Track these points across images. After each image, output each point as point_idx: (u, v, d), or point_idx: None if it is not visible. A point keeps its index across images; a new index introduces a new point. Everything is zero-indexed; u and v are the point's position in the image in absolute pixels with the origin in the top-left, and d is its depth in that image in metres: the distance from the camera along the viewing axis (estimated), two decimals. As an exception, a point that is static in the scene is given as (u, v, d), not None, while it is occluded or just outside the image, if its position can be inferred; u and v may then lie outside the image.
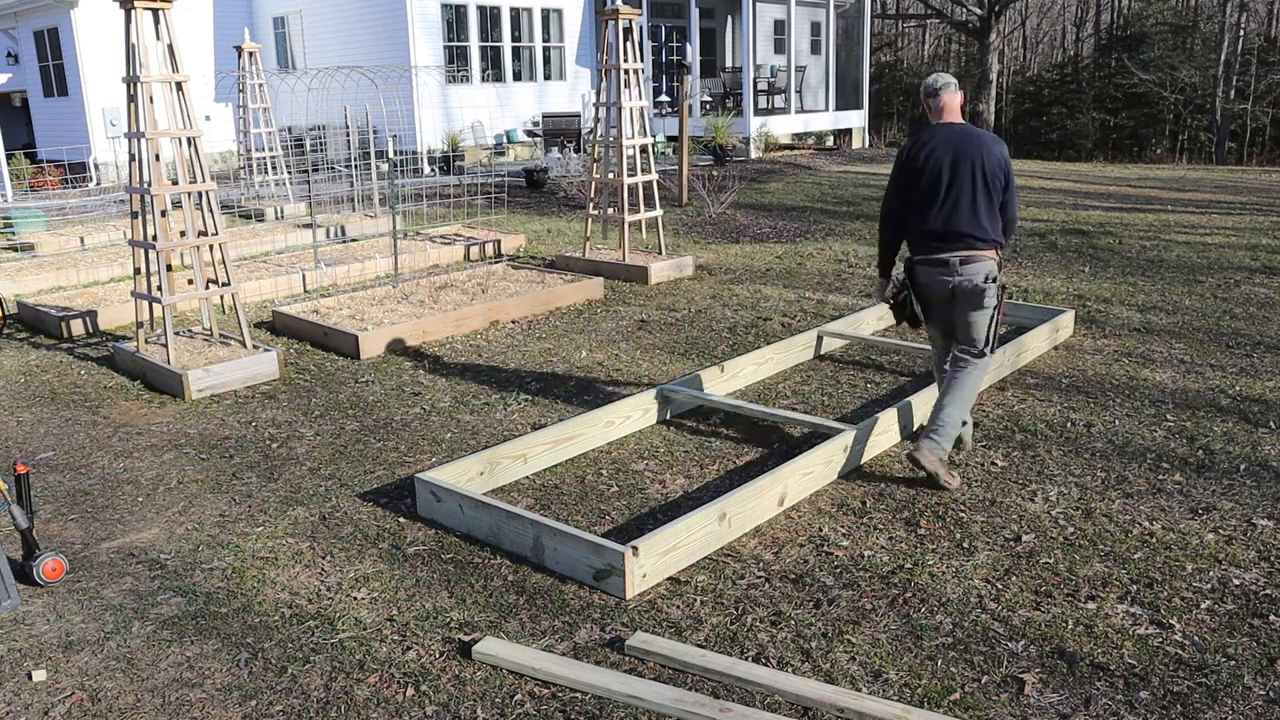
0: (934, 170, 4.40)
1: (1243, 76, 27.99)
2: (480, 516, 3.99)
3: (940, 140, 4.42)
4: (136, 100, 6.02)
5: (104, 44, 18.19)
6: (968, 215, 4.39)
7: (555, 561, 3.73)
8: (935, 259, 4.45)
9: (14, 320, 7.99)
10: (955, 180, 4.38)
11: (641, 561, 3.55)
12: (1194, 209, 12.40)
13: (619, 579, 3.52)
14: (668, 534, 3.67)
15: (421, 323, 7.07)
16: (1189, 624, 3.31)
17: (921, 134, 4.52)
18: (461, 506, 4.06)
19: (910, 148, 4.51)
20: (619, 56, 8.77)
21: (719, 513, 3.88)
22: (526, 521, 3.81)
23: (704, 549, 3.84)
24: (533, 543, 3.80)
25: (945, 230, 4.41)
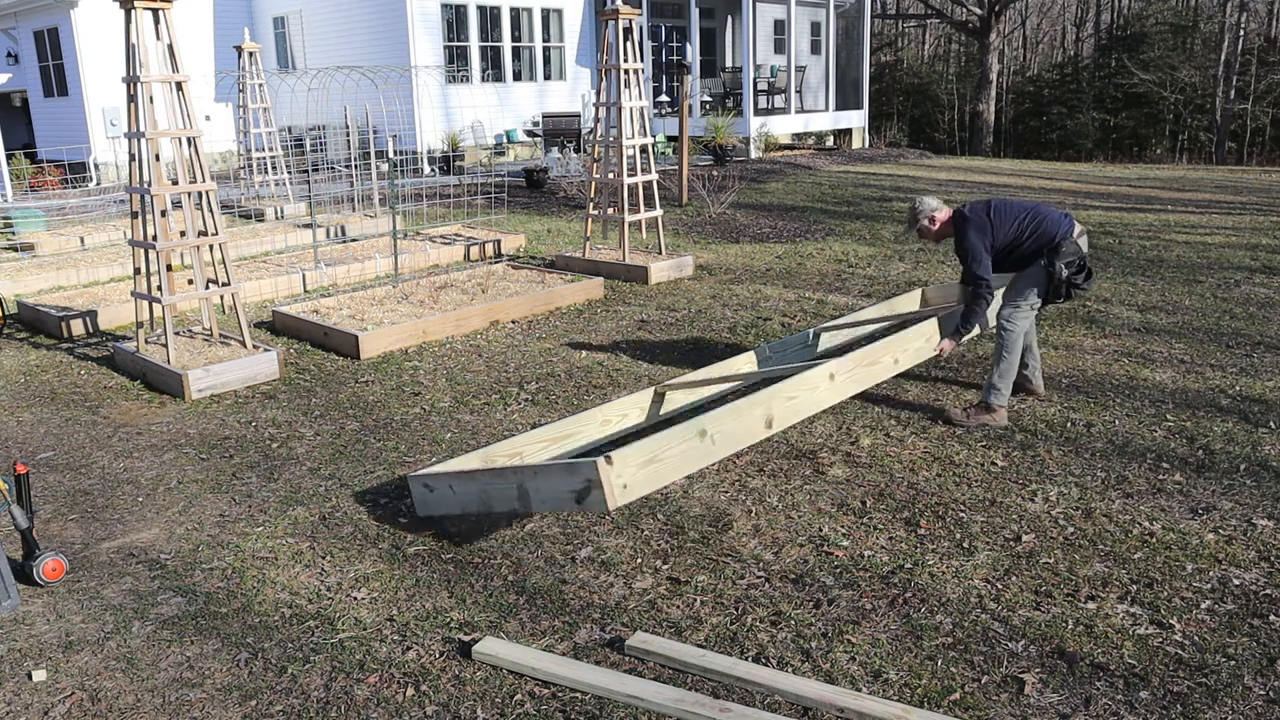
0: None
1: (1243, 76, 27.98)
2: (468, 488, 3.97)
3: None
4: (136, 100, 6.02)
5: (104, 44, 18.20)
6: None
7: (541, 501, 3.66)
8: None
9: (14, 320, 8.00)
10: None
11: (619, 471, 3.46)
12: (1194, 209, 12.40)
13: (599, 492, 3.43)
14: (646, 445, 3.60)
15: (421, 323, 7.07)
16: (1189, 624, 3.31)
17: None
18: (452, 486, 4.05)
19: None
20: (619, 56, 8.77)
21: (699, 429, 3.82)
22: (507, 473, 3.79)
23: (687, 465, 3.74)
24: (518, 492, 3.75)
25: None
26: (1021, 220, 5.14)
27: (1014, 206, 5.21)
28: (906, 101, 34.86)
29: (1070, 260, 5.06)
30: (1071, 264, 5.06)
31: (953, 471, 4.60)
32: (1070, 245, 5.07)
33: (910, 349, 5.25)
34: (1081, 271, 5.10)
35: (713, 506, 4.29)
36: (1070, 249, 5.07)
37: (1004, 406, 5.16)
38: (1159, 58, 28.59)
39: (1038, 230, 5.11)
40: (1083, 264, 5.09)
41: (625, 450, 3.52)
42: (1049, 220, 5.13)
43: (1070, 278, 5.08)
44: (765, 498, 4.36)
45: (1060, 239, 5.07)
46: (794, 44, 20.70)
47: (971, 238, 5.12)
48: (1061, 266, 5.05)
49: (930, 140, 31.82)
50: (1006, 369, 5.14)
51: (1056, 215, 5.19)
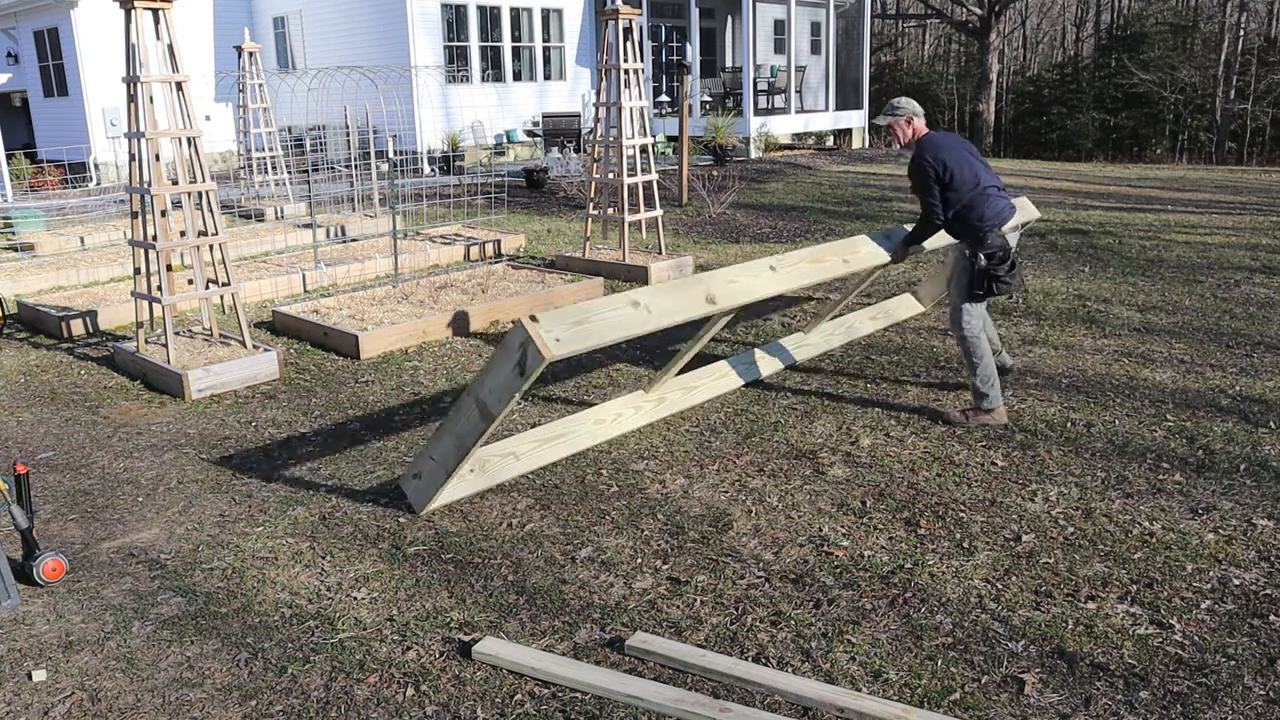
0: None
1: (1243, 76, 27.98)
2: (444, 444, 4.03)
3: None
4: (136, 100, 6.02)
5: (104, 44, 18.20)
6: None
7: (497, 399, 3.74)
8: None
9: (14, 320, 8.00)
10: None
11: (547, 328, 3.55)
12: (1194, 209, 12.40)
13: (533, 347, 3.52)
14: (578, 308, 3.73)
15: (421, 323, 7.07)
16: (1189, 624, 3.31)
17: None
18: (431, 456, 4.11)
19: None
20: (619, 56, 8.77)
21: (632, 300, 3.96)
22: (463, 400, 3.88)
23: (617, 331, 3.86)
24: (477, 406, 3.82)
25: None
26: (959, 183, 5.05)
27: (959, 161, 5.08)
28: (906, 102, 34.82)
29: (992, 252, 5.05)
30: (993, 255, 5.05)
31: (953, 471, 4.60)
32: (995, 237, 5.06)
33: (861, 253, 5.38)
34: (1005, 263, 5.06)
35: (713, 506, 4.29)
36: (995, 240, 5.06)
37: (998, 405, 5.16)
38: (1159, 58, 28.60)
39: (976, 205, 5.06)
40: (1006, 256, 5.06)
41: (555, 312, 3.68)
42: (988, 199, 5.08)
43: (991, 269, 5.04)
44: (765, 498, 4.36)
45: (987, 226, 5.05)
46: (794, 44, 20.70)
47: (925, 181, 5.08)
48: (982, 257, 5.05)
49: (930, 140, 31.76)
50: (983, 370, 5.13)
51: (996, 193, 5.14)
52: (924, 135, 5.22)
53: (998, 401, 5.16)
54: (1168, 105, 28.59)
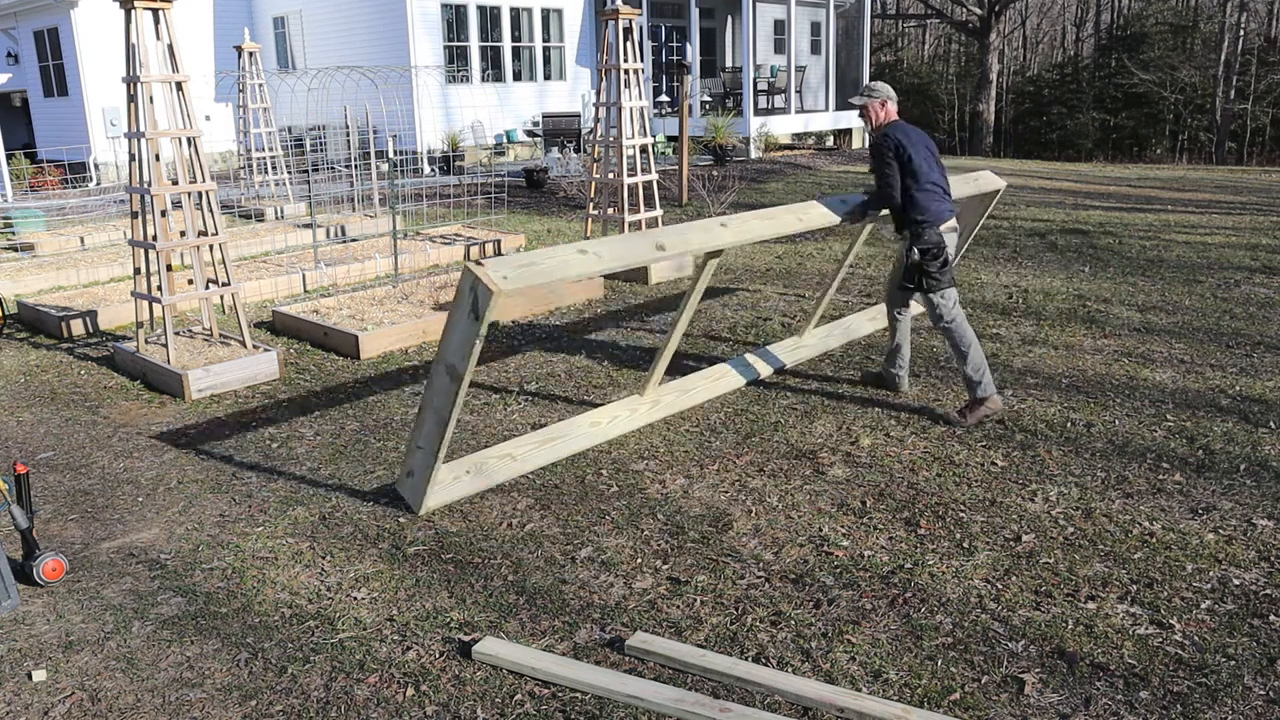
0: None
1: (1243, 76, 27.98)
2: (426, 424, 4.10)
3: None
4: (136, 100, 6.02)
5: (104, 44, 18.20)
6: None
7: (461, 355, 3.83)
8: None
9: (14, 320, 8.00)
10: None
11: (494, 269, 3.69)
12: (1194, 209, 12.40)
13: (483, 286, 3.61)
14: (524, 255, 3.89)
15: (422, 323, 7.07)
16: (1189, 624, 3.31)
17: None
18: (419, 445, 4.18)
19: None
20: (619, 56, 8.77)
21: (579, 248, 4.10)
22: (433, 367, 3.98)
23: (563, 270, 4.00)
24: (445, 369, 3.92)
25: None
26: (914, 174, 5.23)
27: (920, 155, 5.26)
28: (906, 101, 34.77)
29: (927, 248, 5.21)
30: (927, 251, 5.21)
31: (953, 471, 4.60)
32: (933, 234, 5.22)
33: (813, 214, 5.53)
34: (938, 260, 5.22)
35: (713, 506, 4.29)
36: (931, 237, 5.22)
37: (992, 393, 5.21)
38: (1159, 58, 28.60)
39: (923, 200, 5.23)
40: (939, 253, 5.22)
41: (502, 257, 3.86)
42: (935, 196, 5.26)
43: (924, 264, 5.21)
44: (765, 498, 4.36)
45: (927, 222, 5.21)
46: (794, 44, 20.70)
47: (886, 165, 5.26)
48: (916, 251, 5.23)
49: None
50: (972, 358, 5.21)
51: (943, 192, 5.33)
52: (895, 120, 5.41)
53: (990, 389, 5.21)
54: (1168, 105, 28.59)
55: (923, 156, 5.27)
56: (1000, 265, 9.21)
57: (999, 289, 8.25)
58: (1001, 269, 9.05)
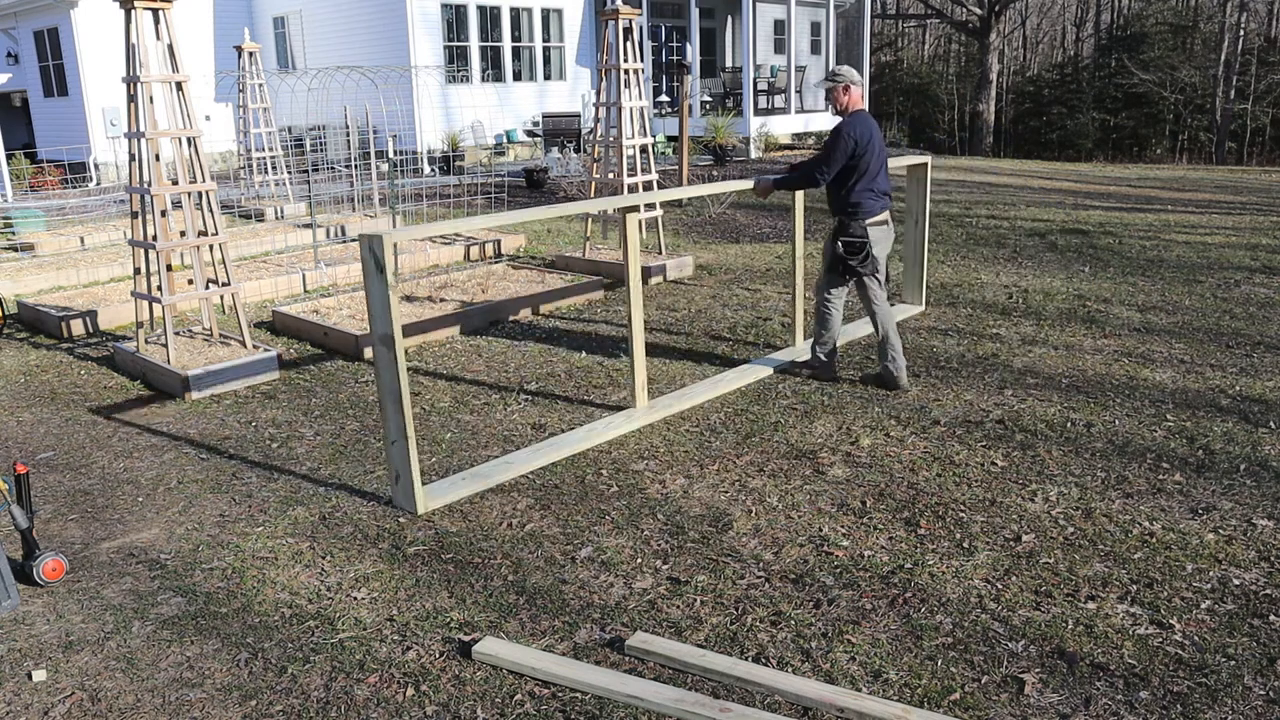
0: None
1: (1243, 76, 27.98)
2: (390, 415, 4.23)
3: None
4: (136, 100, 6.03)
5: (104, 44, 18.20)
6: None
7: (386, 335, 4.15)
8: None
9: (14, 320, 8.00)
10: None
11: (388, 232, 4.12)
12: (1194, 209, 12.40)
13: (376, 240, 3.96)
14: (416, 227, 4.18)
15: (421, 323, 7.06)
16: (1189, 624, 3.31)
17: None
18: (393, 441, 4.26)
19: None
20: (619, 56, 8.77)
21: (533, 216, 4.58)
22: (377, 359, 4.43)
23: (452, 227, 4.36)
24: (380, 342, 4.19)
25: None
26: (864, 166, 5.55)
27: (874, 150, 5.57)
28: (906, 101, 34.85)
29: (850, 242, 5.60)
30: (851, 245, 5.60)
31: (953, 471, 4.60)
32: (858, 228, 5.60)
33: (736, 187, 6.18)
34: (859, 254, 5.61)
35: (713, 506, 4.29)
36: (857, 231, 5.60)
37: (823, 361, 5.91)
38: (1159, 58, 28.60)
39: (860, 191, 5.58)
40: (862, 247, 5.60)
41: (396, 230, 4.25)
42: (872, 192, 5.61)
43: (846, 256, 5.62)
44: (765, 498, 4.36)
45: (859, 215, 5.59)
46: (794, 44, 20.70)
47: (839, 146, 5.53)
48: (841, 243, 5.62)
49: (930, 140, 31.82)
50: (821, 335, 5.87)
51: (880, 188, 5.66)
52: (859, 110, 5.67)
53: (823, 366, 5.93)
54: (1168, 105, 28.59)
55: (875, 156, 5.57)
56: (1000, 265, 9.21)
57: (999, 289, 8.25)
58: (1001, 269, 9.05)
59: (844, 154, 5.52)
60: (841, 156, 5.52)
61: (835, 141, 5.53)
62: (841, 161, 5.53)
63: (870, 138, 5.55)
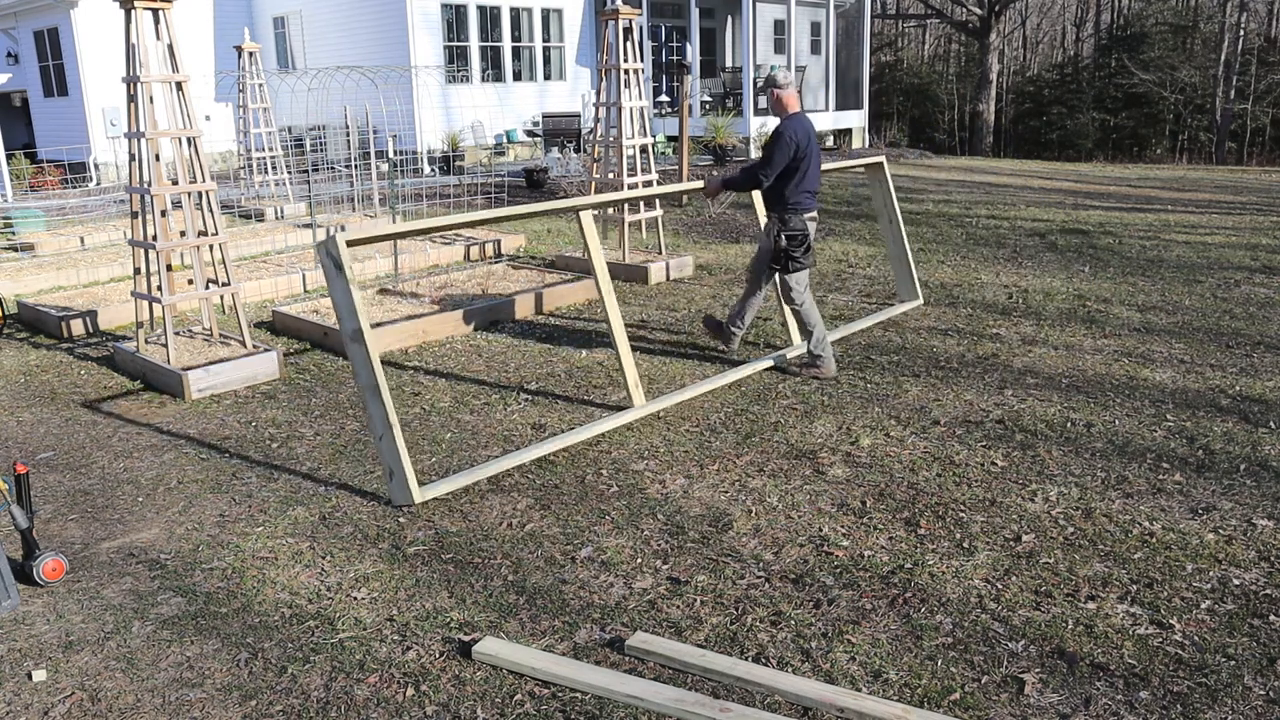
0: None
1: (1243, 76, 27.97)
2: (373, 409, 4.33)
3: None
4: (136, 100, 6.02)
5: (104, 44, 18.19)
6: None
7: (352, 316, 4.25)
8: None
9: (14, 320, 8.00)
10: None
11: (337, 235, 4.39)
12: (1194, 209, 12.40)
13: (331, 240, 4.18)
14: (362, 227, 4.29)
15: (421, 323, 7.07)
16: (1189, 624, 3.31)
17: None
18: (381, 438, 4.36)
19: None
20: (619, 56, 8.77)
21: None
22: (357, 372, 4.28)
23: (396, 228, 4.55)
24: (351, 338, 4.29)
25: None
26: (803, 165, 5.82)
27: (810, 150, 5.85)
28: (906, 101, 34.85)
29: (794, 234, 5.88)
30: (793, 238, 5.88)
31: (953, 471, 4.60)
32: (798, 222, 5.88)
33: (687, 187, 6.45)
34: (802, 246, 5.90)
35: (713, 506, 4.29)
36: (798, 225, 5.89)
37: (829, 366, 6.02)
38: (1159, 58, 28.59)
39: (797, 190, 5.85)
40: (803, 240, 5.89)
41: (347, 231, 4.41)
42: (807, 192, 5.91)
43: (789, 249, 5.89)
44: (765, 498, 4.36)
45: (798, 210, 5.88)
46: (794, 44, 20.70)
47: (779, 147, 5.79)
48: (784, 237, 5.87)
49: (930, 140, 31.82)
50: (816, 335, 6.02)
51: (814, 187, 5.96)
52: (798, 112, 5.95)
53: (829, 361, 6.01)
54: (1168, 105, 28.58)
55: (812, 157, 5.87)
56: (1000, 265, 9.21)
57: (999, 289, 8.25)
58: (1001, 269, 9.05)
59: (785, 155, 5.77)
60: (783, 158, 5.77)
61: (777, 143, 5.79)
62: (783, 163, 5.78)
63: (809, 139, 5.83)
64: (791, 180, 5.82)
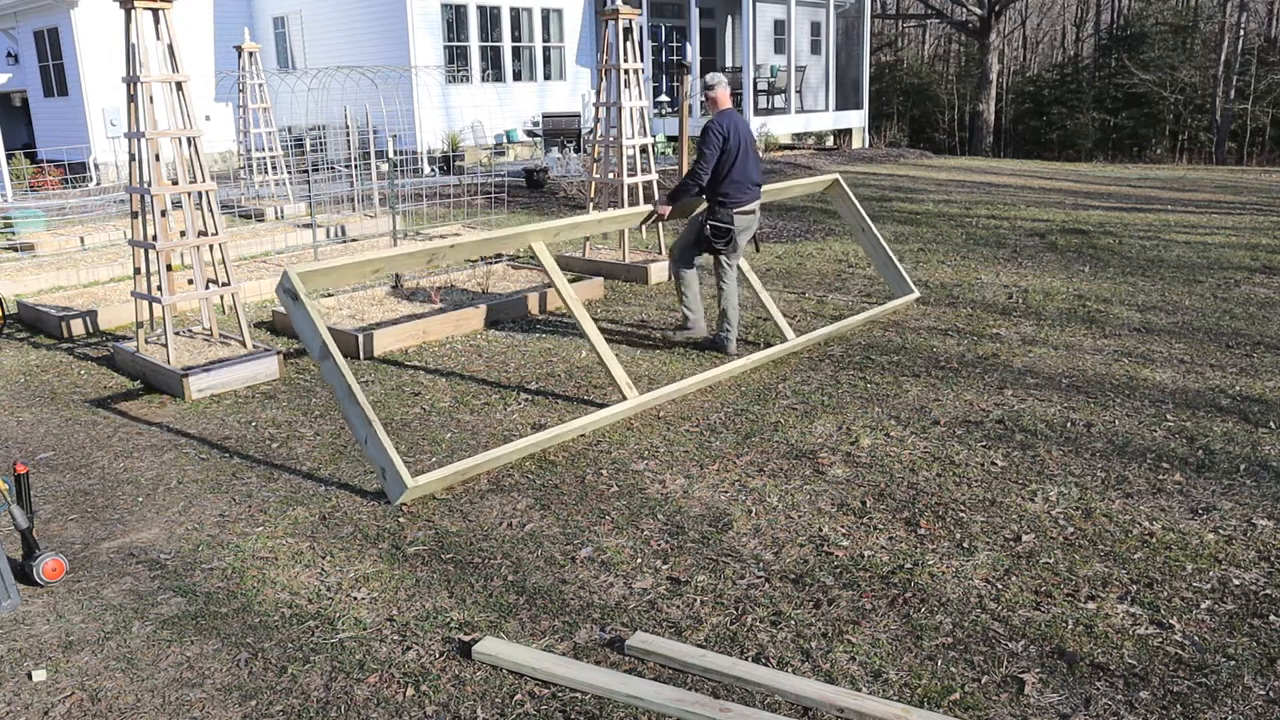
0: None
1: (1243, 76, 27.96)
2: (351, 414, 4.52)
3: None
4: (136, 100, 6.02)
5: (104, 44, 18.19)
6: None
7: (315, 335, 4.49)
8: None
9: (14, 320, 7.99)
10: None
11: (292, 272, 4.70)
12: (1194, 209, 12.40)
13: (285, 277, 4.57)
14: (322, 265, 4.68)
15: (422, 323, 7.07)
16: (1189, 624, 3.31)
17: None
18: (367, 440, 4.48)
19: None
20: (619, 56, 8.77)
21: (367, 258, 4.73)
22: (321, 365, 4.55)
23: (360, 269, 4.81)
24: (322, 355, 4.51)
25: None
26: (731, 160, 6.13)
27: (741, 144, 6.14)
28: (906, 101, 34.83)
29: (717, 225, 6.23)
30: (716, 228, 6.23)
31: (953, 471, 4.60)
32: (726, 215, 6.22)
33: (643, 210, 6.70)
34: (722, 237, 6.25)
35: (713, 506, 4.29)
36: (724, 218, 6.23)
37: (699, 323, 6.53)
38: (1159, 58, 28.58)
39: (730, 184, 6.16)
40: (725, 231, 6.23)
41: (301, 267, 4.63)
42: (742, 185, 6.20)
43: (712, 239, 6.28)
44: (765, 498, 4.36)
45: (728, 203, 6.19)
46: (794, 44, 20.70)
47: (709, 143, 6.13)
48: (710, 225, 6.23)
49: (930, 140, 31.82)
50: (689, 301, 6.50)
51: (750, 180, 6.25)
52: (728, 108, 6.32)
53: (732, 343, 6.43)
54: (1168, 105, 28.57)
55: (741, 147, 6.11)
56: (1000, 265, 9.21)
57: (999, 289, 8.25)
58: (1001, 269, 9.05)
59: (715, 146, 6.08)
60: (713, 152, 6.09)
61: (705, 139, 6.13)
62: (715, 154, 6.09)
63: (735, 130, 6.11)
64: (722, 172, 6.12)
